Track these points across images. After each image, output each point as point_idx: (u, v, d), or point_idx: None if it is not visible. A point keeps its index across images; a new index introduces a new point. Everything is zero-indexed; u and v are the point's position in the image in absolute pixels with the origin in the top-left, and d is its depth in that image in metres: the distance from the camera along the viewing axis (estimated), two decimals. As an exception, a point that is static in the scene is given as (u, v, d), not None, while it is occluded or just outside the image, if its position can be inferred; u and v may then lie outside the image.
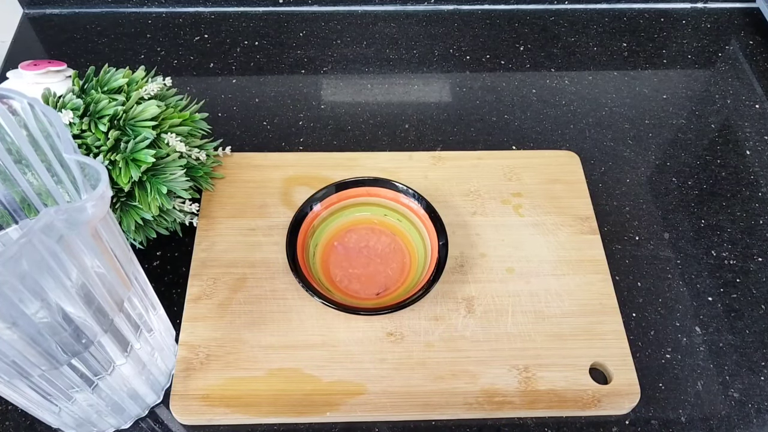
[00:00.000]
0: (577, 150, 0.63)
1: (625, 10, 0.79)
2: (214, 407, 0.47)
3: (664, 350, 0.52)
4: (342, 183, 0.56)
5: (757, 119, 0.68)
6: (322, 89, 0.70)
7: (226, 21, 0.76)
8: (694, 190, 0.62)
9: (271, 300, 0.52)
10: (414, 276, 0.53)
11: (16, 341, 0.32)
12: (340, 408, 0.47)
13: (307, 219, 0.55)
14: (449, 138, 0.66)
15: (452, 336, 0.51)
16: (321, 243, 0.55)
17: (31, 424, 0.48)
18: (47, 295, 0.31)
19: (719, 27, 0.77)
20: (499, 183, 0.60)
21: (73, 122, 0.48)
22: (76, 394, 0.40)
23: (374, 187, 0.56)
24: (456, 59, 0.73)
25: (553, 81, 0.71)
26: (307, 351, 0.50)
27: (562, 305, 0.52)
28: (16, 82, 0.56)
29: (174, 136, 0.51)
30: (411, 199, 0.55)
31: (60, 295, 0.32)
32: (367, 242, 0.56)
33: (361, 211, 0.57)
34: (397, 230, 0.56)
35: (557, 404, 0.48)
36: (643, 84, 0.71)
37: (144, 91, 0.51)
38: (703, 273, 0.57)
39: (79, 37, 0.74)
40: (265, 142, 0.65)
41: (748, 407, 0.50)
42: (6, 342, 0.32)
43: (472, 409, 0.48)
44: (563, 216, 0.58)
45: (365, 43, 0.75)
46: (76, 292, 0.33)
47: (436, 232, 0.53)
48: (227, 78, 0.70)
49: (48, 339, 0.34)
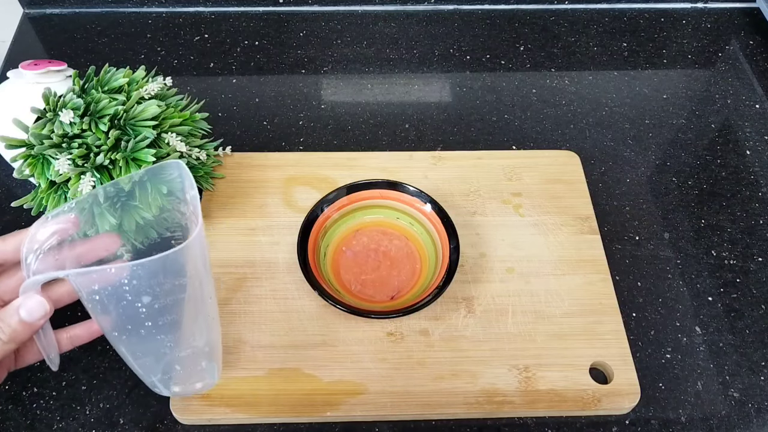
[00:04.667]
0: (577, 150, 0.63)
1: (625, 10, 0.79)
2: (215, 407, 0.47)
3: (664, 350, 0.52)
4: (354, 185, 0.56)
5: (757, 119, 0.68)
6: (322, 89, 0.70)
7: (226, 21, 0.76)
8: (694, 190, 0.62)
9: (271, 300, 0.52)
10: (425, 279, 0.53)
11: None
12: (340, 408, 0.47)
13: (318, 221, 0.55)
14: (449, 138, 0.66)
15: (452, 336, 0.51)
16: (332, 245, 0.55)
17: (31, 423, 0.48)
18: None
19: (719, 27, 0.78)
20: (500, 183, 0.60)
21: (74, 122, 0.48)
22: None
23: (387, 189, 0.56)
24: (456, 59, 0.73)
25: (553, 81, 0.71)
26: (307, 351, 0.50)
27: (562, 305, 0.52)
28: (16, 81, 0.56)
29: (174, 136, 0.51)
30: (423, 202, 0.55)
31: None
32: (378, 245, 0.56)
33: (374, 214, 0.57)
34: (409, 233, 0.56)
35: (557, 404, 0.48)
36: (643, 84, 0.71)
37: (144, 91, 0.51)
38: (703, 273, 0.57)
39: (79, 37, 0.74)
40: (265, 142, 0.65)
41: (748, 407, 0.50)
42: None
43: (472, 408, 0.48)
44: (563, 216, 0.58)
45: (365, 43, 0.75)
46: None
47: (447, 235, 0.53)
48: (227, 78, 0.70)
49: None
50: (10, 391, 0.49)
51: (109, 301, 0.36)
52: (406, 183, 0.56)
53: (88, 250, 0.41)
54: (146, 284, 0.36)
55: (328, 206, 0.55)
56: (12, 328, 0.38)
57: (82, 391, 0.49)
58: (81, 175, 0.48)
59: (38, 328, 0.39)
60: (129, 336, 0.39)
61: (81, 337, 0.44)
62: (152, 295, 0.37)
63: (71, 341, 0.43)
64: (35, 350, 0.43)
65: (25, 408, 0.48)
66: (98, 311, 0.38)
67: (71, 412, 0.48)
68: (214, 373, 0.46)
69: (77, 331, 0.43)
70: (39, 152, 0.49)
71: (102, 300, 0.36)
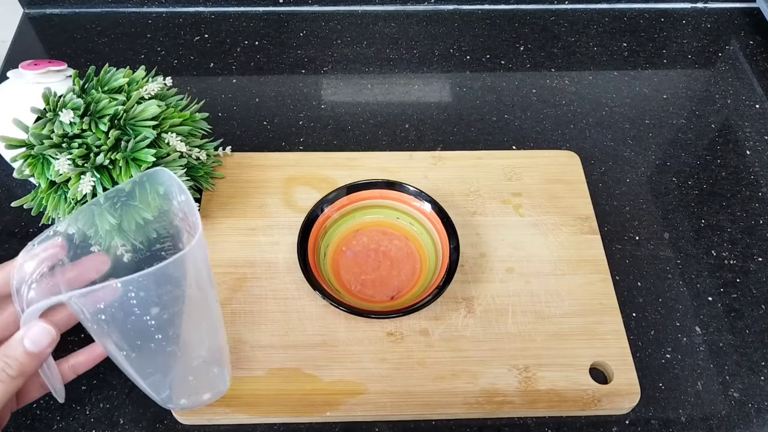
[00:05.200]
0: (577, 150, 0.63)
1: (625, 10, 0.79)
2: (215, 407, 0.47)
3: (664, 350, 0.52)
4: (354, 185, 0.56)
5: (757, 119, 0.68)
6: (322, 89, 0.70)
7: (226, 21, 0.76)
8: (694, 190, 0.62)
9: (271, 300, 0.52)
10: (425, 278, 0.53)
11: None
12: (340, 408, 0.47)
13: (318, 221, 0.55)
14: (449, 138, 0.66)
15: (452, 336, 0.51)
16: (332, 245, 0.55)
17: (31, 423, 0.48)
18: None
19: (719, 27, 0.78)
20: (500, 183, 0.60)
21: (74, 122, 0.48)
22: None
23: (387, 189, 0.56)
24: (456, 59, 0.73)
25: (553, 81, 0.71)
26: (307, 351, 0.50)
27: (562, 305, 0.52)
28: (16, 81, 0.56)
29: (174, 136, 0.51)
30: (423, 202, 0.55)
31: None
32: (378, 245, 0.56)
33: (373, 214, 0.57)
34: (409, 233, 0.56)
35: (557, 404, 0.48)
36: (643, 84, 0.71)
37: (144, 91, 0.51)
38: (703, 273, 0.57)
39: (79, 37, 0.74)
40: (265, 141, 0.65)
41: (748, 407, 0.50)
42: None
43: (472, 408, 0.48)
44: (563, 216, 0.58)
45: (365, 43, 0.75)
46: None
47: (447, 235, 0.53)
48: (227, 78, 0.70)
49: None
50: (10, 391, 0.49)
51: (116, 318, 0.35)
52: (406, 183, 0.56)
53: (78, 273, 0.39)
54: (154, 294, 0.35)
55: (328, 206, 0.55)
56: (19, 361, 0.36)
57: (82, 391, 0.49)
58: (81, 175, 0.48)
59: (45, 357, 0.37)
60: (139, 352, 0.38)
61: (83, 363, 0.43)
62: (160, 306, 0.36)
63: (73, 370, 0.43)
64: (37, 384, 0.42)
65: (24, 408, 0.48)
66: (104, 332, 0.36)
67: (71, 412, 0.48)
68: (226, 380, 0.45)
69: (79, 358, 0.43)
70: (39, 152, 0.49)
71: (108, 319, 0.35)
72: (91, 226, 0.43)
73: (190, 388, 0.44)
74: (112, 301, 0.34)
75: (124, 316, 0.35)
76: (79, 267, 0.40)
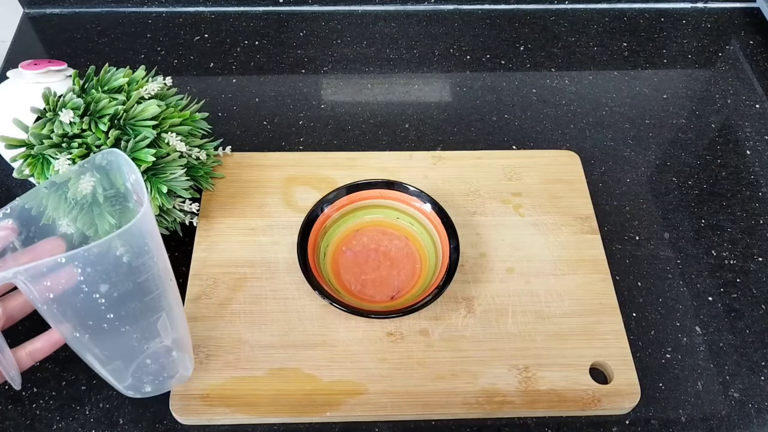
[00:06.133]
0: (577, 150, 0.63)
1: (625, 10, 0.79)
2: (214, 407, 0.47)
3: (664, 350, 0.52)
4: (354, 185, 0.56)
5: (757, 119, 0.68)
6: (322, 89, 0.70)
7: (226, 21, 0.76)
8: (694, 190, 0.62)
9: (271, 300, 0.52)
10: (425, 278, 0.53)
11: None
12: (340, 408, 0.47)
13: (318, 220, 0.55)
14: (449, 138, 0.66)
15: (452, 336, 0.51)
16: (332, 245, 0.55)
17: (31, 423, 0.48)
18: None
19: (719, 27, 0.78)
20: (500, 183, 0.60)
21: (74, 122, 0.48)
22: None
23: (387, 189, 0.56)
24: (456, 59, 0.73)
25: (553, 81, 0.71)
26: (307, 351, 0.50)
27: (562, 305, 0.52)
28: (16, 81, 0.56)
29: (174, 136, 0.51)
30: (423, 202, 0.55)
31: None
32: (378, 245, 0.56)
33: (373, 214, 0.57)
34: (409, 233, 0.56)
35: (557, 404, 0.48)
36: (643, 84, 0.71)
37: (144, 91, 0.51)
38: (703, 273, 0.57)
39: (79, 36, 0.74)
40: (265, 141, 0.65)
41: (748, 407, 0.50)
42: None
43: (472, 408, 0.48)
44: (563, 216, 0.58)
45: (365, 43, 0.75)
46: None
47: (447, 235, 0.53)
48: (227, 78, 0.70)
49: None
50: (9, 391, 0.49)
51: (65, 297, 0.34)
52: (406, 183, 0.56)
53: (32, 259, 0.38)
54: (101, 270, 0.34)
55: (328, 206, 0.55)
56: None
57: (81, 391, 0.49)
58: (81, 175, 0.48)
59: None
60: (92, 333, 0.37)
61: (42, 350, 0.42)
62: (109, 283, 0.35)
63: (31, 356, 0.42)
64: None
65: (24, 408, 0.48)
66: (54, 312, 0.35)
67: (71, 412, 0.48)
68: (187, 364, 0.45)
69: (37, 345, 0.42)
70: (39, 152, 0.49)
71: (56, 297, 0.34)
72: (90, 226, 0.43)
73: (150, 373, 0.43)
74: (59, 277, 0.33)
75: (73, 293, 0.34)
76: (33, 252, 0.39)
